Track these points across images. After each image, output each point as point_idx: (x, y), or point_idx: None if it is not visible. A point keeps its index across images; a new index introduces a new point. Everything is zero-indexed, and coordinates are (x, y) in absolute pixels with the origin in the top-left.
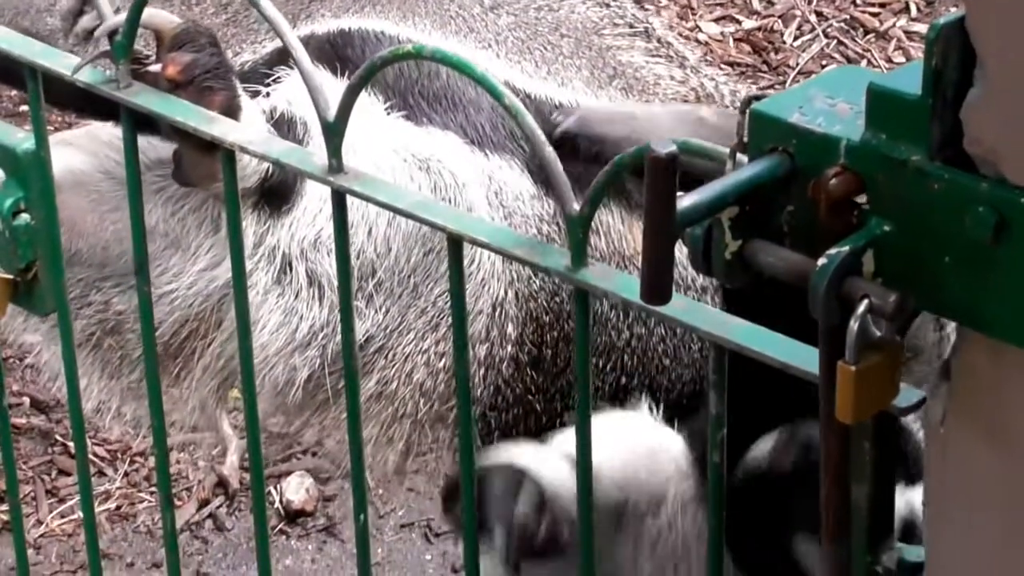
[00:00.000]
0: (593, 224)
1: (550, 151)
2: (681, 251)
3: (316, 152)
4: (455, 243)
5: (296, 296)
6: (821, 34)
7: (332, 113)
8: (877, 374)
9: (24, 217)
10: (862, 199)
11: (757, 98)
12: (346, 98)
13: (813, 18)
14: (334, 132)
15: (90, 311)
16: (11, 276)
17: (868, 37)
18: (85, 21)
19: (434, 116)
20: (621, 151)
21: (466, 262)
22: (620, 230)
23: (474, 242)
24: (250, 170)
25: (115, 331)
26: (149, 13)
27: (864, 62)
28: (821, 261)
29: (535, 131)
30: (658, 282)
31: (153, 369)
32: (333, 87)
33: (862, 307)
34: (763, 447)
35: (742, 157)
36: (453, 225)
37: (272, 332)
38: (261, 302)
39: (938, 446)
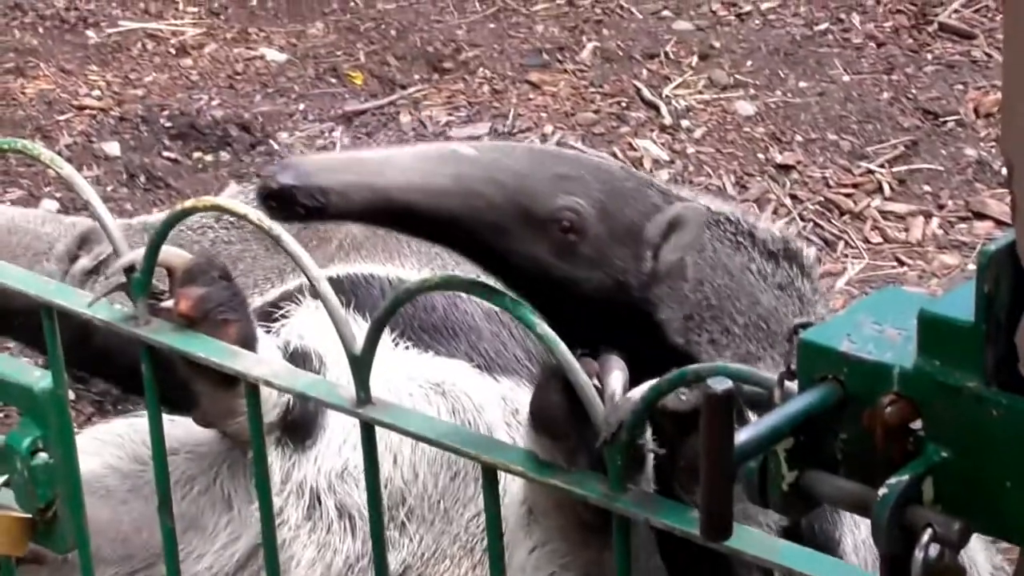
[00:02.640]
0: None
1: (583, 378)
2: None
3: (342, 384)
4: (490, 472)
5: (328, 530)
6: (797, 217)
7: (359, 346)
8: None
9: (42, 456)
10: (917, 425)
11: (804, 326)
12: (373, 330)
13: (788, 201)
14: (362, 364)
15: None
16: (30, 515)
17: (844, 218)
18: (82, 263)
19: (438, 346)
20: (350, 201)
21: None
22: None
23: (509, 470)
24: (271, 404)
25: None
26: (162, 250)
27: (842, 243)
28: (882, 491)
29: (569, 360)
30: (719, 519)
31: None
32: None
33: (927, 536)
34: None
35: (790, 385)
36: (487, 454)
37: (307, 568)
38: (293, 538)
39: None
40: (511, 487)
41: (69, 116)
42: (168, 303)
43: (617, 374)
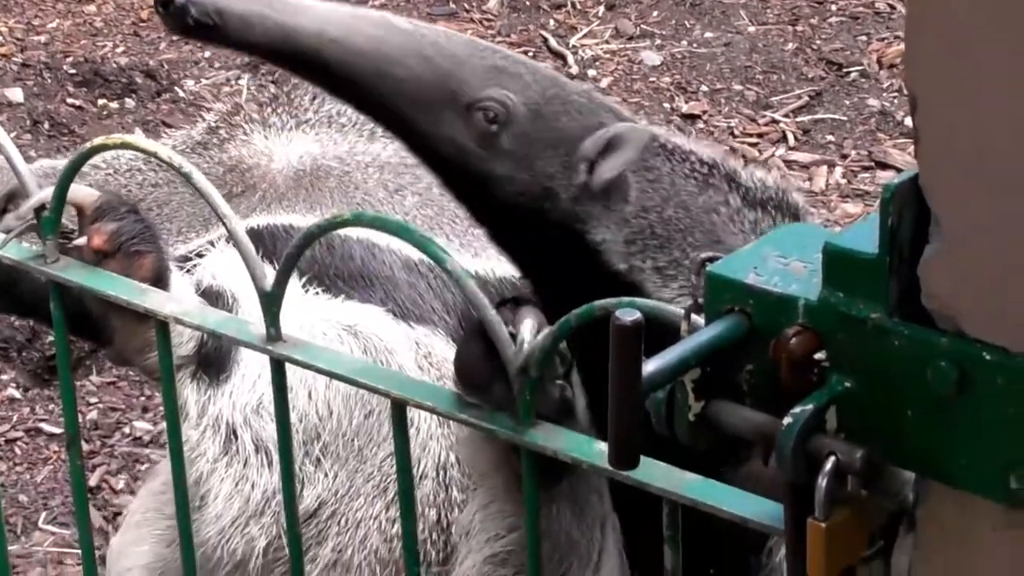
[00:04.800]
0: None
1: (493, 314)
2: None
3: (253, 321)
4: (399, 408)
5: (245, 464)
6: None
7: (269, 282)
8: (847, 528)
9: None
10: (822, 356)
11: (711, 259)
12: (284, 267)
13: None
14: (272, 301)
15: None
16: None
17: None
18: (8, 219)
19: (352, 292)
20: (250, 30)
21: None
22: None
23: (420, 406)
24: (185, 338)
25: None
26: (72, 188)
27: None
28: (786, 420)
29: (477, 295)
30: (626, 448)
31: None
32: None
33: (829, 464)
34: None
35: (696, 318)
36: (397, 390)
37: (225, 501)
38: (210, 471)
39: None
40: (423, 427)
41: None
42: (80, 240)
43: (528, 321)
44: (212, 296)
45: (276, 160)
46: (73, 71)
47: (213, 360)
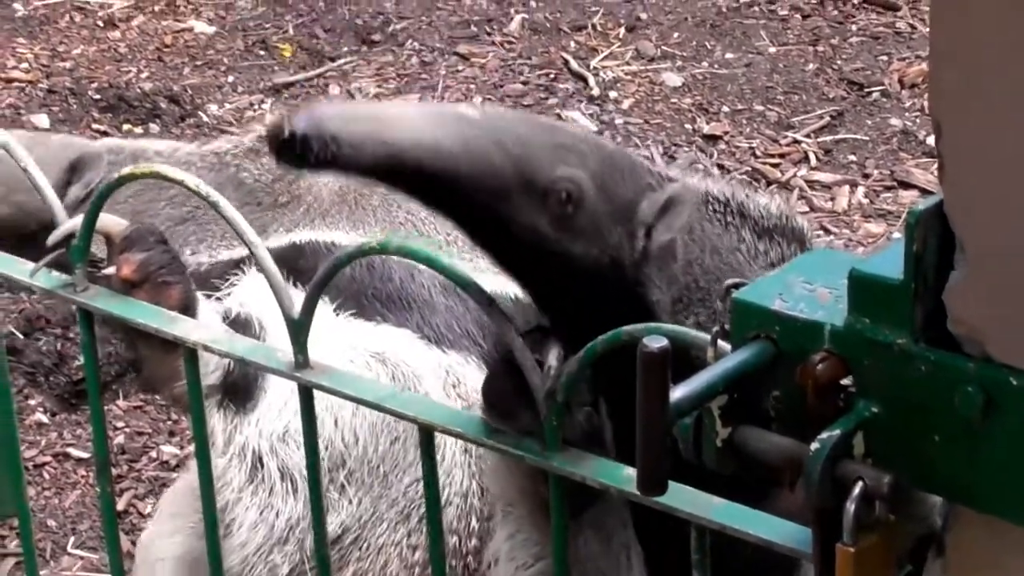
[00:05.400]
0: None
1: (520, 342)
2: None
3: (280, 348)
4: (427, 434)
5: (270, 492)
6: None
7: (297, 310)
8: (874, 553)
9: None
10: (848, 382)
11: (736, 285)
12: (311, 294)
13: (716, 171)
14: (299, 328)
15: None
16: None
17: (770, 188)
18: (74, 192)
19: (388, 315)
20: (361, 154)
21: None
22: None
23: (447, 432)
24: (211, 367)
25: None
26: (101, 218)
27: None
28: (814, 446)
29: (505, 323)
30: (654, 474)
31: None
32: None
33: (857, 489)
34: None
35: (723, 344)
36: (425, 416)
37: (250, 530)
38: (236, 500)
39: None
40: (447, 454)
41: None
42: (109, 269)
43: (556, 348)
44: (240, 324)
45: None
46: (98, 97)
47: (240, 388)
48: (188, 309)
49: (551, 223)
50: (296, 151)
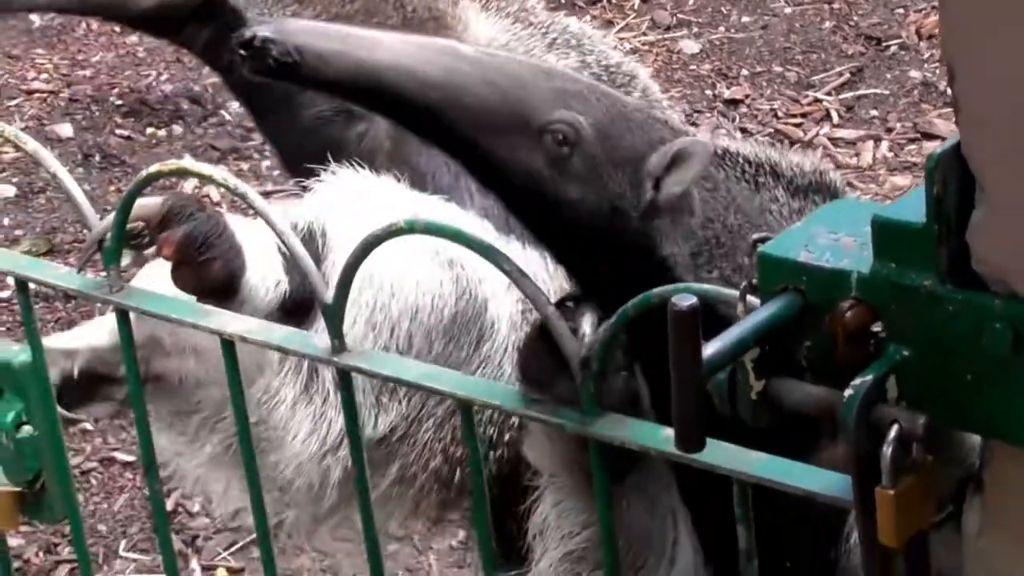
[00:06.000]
0: None
1: (552, 310)
2: None
3: (317, 334)
4: (466, 408)
5: (324, 401)
6: None
7: (330, 295)
8: (914, 495)
9: (27, 429)
10: (877, 327)
11: (762, 240)
12: (343, 280)
13: (739, 135)
14: (334, 314)
15: (225, 424)
16: (18, 488)
17: (795, 147)
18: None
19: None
20: (327, 67)
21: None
22: None
23: (486, 405)
24: (271, 284)
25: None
26: (134, 205)
27: None
28: (848, 392)
29: (537, 293)
30: (692, 431)
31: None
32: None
33: (893, 432)
34: None
35: (752, 298)
36: (462, 391)
37: (303, 441)
38: (290, 416)
39: (977, 558)
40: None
41: (19, 101)
42: (150, 251)
43: (588, 315)
44: (306, 238)
45: (471, 33)
46: (120, 102)
47: (298, 305)
48: (233, 279)
49: (546, 163)
50: (257, 56)
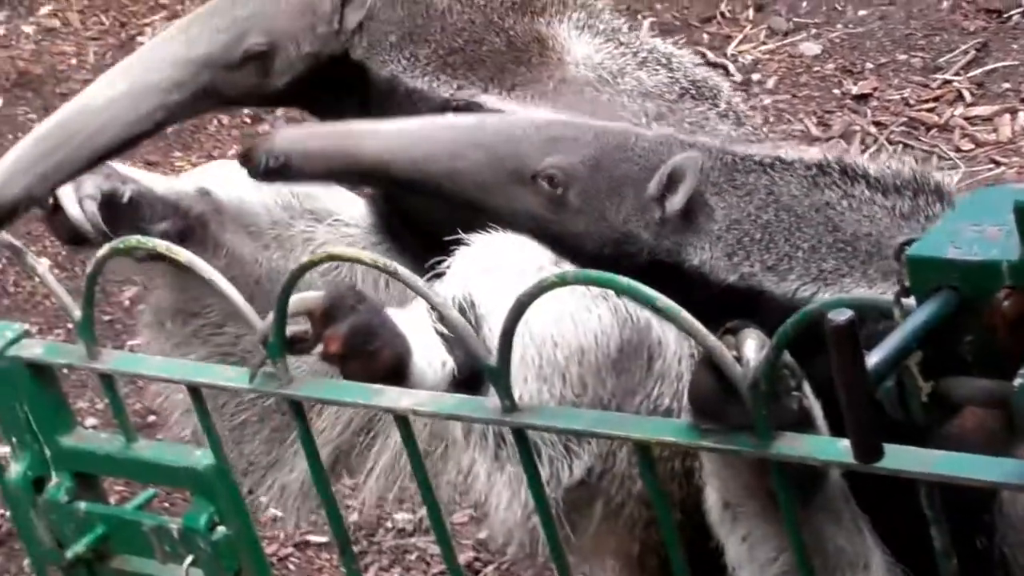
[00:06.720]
0: None
1: (714, 341)
2: None
3: (486, 399)
4: (643, 450)
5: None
6: (885, 142)
7: (494, 359)
8: None
9: (221, 530)
10: None
11: (908, 243)
12: (503, 343)
13: (873, 129)
14: (500, 375)
15: (222, 339)
16: None
17: (931, 133)
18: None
19: None
20: (313, 165)
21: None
22: None
23: (662, 444)
24: (432, 371)
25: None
26: (293, 302)
27: (934, 158)
28: (1017, 381)
29: (695, 327)
30: (869, 442)
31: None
32: None
33: None
34: None
35: (907, 301)
36: (637, 433)
37: (506, 509)
38: (488, 488)
39: None
40: None
41: None
42: (317, 348)
43: (750, 341)
44: (463, 310)
45: (570, 54)
46: None
47: (466, 380)
48: (401, 365)
49: (545, 206)
50: (258, 170)
